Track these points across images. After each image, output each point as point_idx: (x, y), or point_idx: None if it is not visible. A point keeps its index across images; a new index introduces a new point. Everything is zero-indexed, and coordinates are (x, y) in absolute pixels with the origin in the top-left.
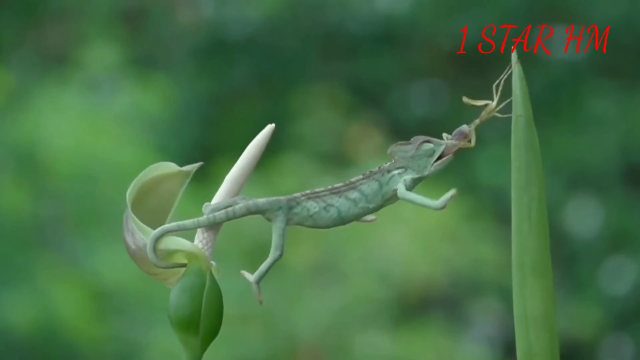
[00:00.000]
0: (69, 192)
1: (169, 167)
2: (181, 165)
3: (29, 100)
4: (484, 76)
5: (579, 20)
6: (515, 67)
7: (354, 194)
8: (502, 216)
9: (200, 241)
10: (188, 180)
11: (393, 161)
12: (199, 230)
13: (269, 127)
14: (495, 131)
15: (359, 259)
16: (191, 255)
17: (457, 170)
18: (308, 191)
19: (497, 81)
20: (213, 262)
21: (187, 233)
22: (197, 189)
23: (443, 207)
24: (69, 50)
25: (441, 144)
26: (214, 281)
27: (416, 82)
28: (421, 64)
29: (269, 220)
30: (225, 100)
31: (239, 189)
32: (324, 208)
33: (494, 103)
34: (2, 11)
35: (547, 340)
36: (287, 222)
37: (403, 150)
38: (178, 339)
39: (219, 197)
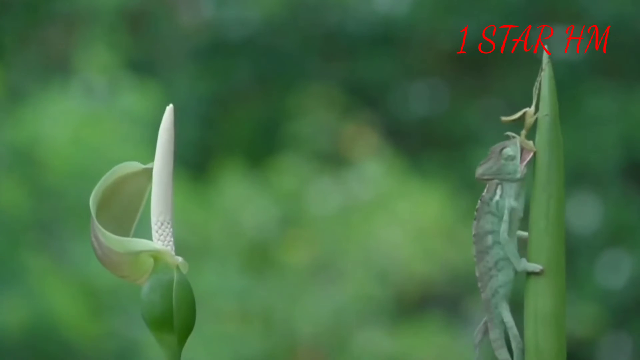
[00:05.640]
0: (67, 191)
1: (133, 166)
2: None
3: (29, 100)
4: (484, 76)
5: (579, 20)
6: (546, 67)
7: (488, 240)
8: None
9: (158, 239)
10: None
11: (486, 187)
12: (153, 227)
13: (170, 108)
14: (494, 129)
15: (357, 257)
16: (155, 254)
17: (454, 167)
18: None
19: (536, 84)
20: (179, 257)
21: (147, 233)
22: (197, 188)
23: (524, 269)
24: (70, 51)
25: (515, 141)
26: (182, 275)
27: (416, 82)
28: (421, 64)
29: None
30: (225, 100)
31: (168, 178)
32: (490, 249)
33: (532, 108)
34: (4, 13)
35: (555, 338)
36: (495, 297)
37: (487, 167)
38: (154, 338)
39: (155, 193)
